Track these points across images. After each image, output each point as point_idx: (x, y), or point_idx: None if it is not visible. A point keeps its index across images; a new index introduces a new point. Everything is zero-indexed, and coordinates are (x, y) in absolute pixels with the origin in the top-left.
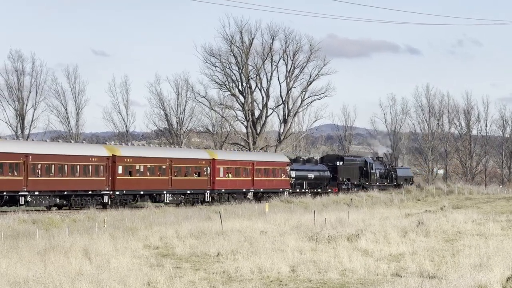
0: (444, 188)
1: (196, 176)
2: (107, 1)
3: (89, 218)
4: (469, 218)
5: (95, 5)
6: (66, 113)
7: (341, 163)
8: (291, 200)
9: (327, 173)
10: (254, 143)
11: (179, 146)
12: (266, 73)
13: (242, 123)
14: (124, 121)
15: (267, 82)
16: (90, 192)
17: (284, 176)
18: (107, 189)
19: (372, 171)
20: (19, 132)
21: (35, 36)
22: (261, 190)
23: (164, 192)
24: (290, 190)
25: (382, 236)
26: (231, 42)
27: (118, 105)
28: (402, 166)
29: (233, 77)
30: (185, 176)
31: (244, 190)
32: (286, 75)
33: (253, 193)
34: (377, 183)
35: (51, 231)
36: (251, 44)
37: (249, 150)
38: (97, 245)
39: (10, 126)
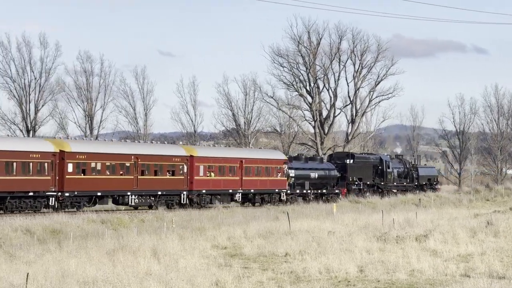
0: None
1: (169, 175)
2: (171, 3)
3: (158, 218)
4: None
5: (160, 6)
6: (135, 113)
7: (351, 161)
8: (359, 201)
9: (334, 172)
10: (322, 143)
11: (247, 146)
12: (333, 73)
13: (310, 123)
14: (192, 121)
15: (335, 82)
16: (31, 194)
17: (280, 175)
18: (53, 190)
19: (388, 170)
20: (88, 132)
21: (103, 37)
22: (252, 191)
23: (128, 193)
24: (288, 191)
25: (450, 237)
26: (298, 42)
27: (186, 106)
28: (425, 164)
29: (301, 77)
30: (155, 175)
31: (230, 191)
32: (353, 75)
33: (242, 194)
34: (395, 183)
35: (120, 231)
36: (318, 44)
37: (317, 150)
38: (165, 245)
39: (79, 126)
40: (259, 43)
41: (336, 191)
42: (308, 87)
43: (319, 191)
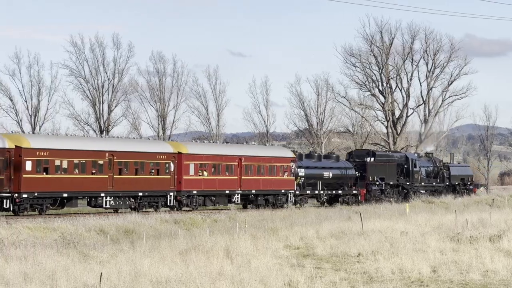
0: None
1: (153, 175)
2: (242, 4)
3: (230, 218)
4: None
5: (229, 7)
6: (207, 113)
7: (372, 159)
8: (432, 201)
9: (352, 172)
10: (395, 143)
11: (318, 147)
12: (406, 73)
13: (382, 123)
14: (264, 121)
15: (408, 82)
16: None
17: (287, 174)
18: (7, 190)
19: (415, 169)
20: (161, 133)
21: (174, 37)
22: (253, 191)
23: (102, 194)
24: (297, 192)
25: None
26: (371, 42)
27: (258, 106)
28: (459, 163)
29: (373, 77)
30: (136, 174)
31: (227, 191)
32: (426, 74)
33: (241, 195)
34: (422, 184)
35: (193, 231)
36: (391, 44)
37: (389, 150)
38: (238, 245)
39: (152, 127)
40: (332, 43)
41: (354, 191)
42: (380, 87)
43: (334, 192)
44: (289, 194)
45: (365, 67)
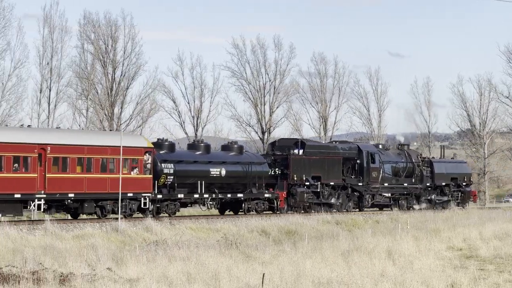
0: None
1: None
2: (400, 5)
3: (392, 219)
4: None
5: (388, 9)
6: (369, 114)
7: (300, 151)
8: None
9: (263, 168)
10: None
11: (481, 147)
12: None
13: None
14: (426, 122)
15: None
16: None
17: (137, 171)
18: None
19: (373, 166)
20: (322, 134)
21: (335, 38)
22: (71, 195)
23: None
24: (160, 196)
25: None
26: None
27: (420, 106)
28: (453, 158)
29: None
30: None
31: (18, 195)
32: None
33: (47, 200)
34: (386, 184)
35: (354, 232)
36: None
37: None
38: (400, 246)
39: (313, 128)
40: (494, 42)
41: (267, 195)
42: None
43: (231, 195)
44: (142, 199)
45: None
